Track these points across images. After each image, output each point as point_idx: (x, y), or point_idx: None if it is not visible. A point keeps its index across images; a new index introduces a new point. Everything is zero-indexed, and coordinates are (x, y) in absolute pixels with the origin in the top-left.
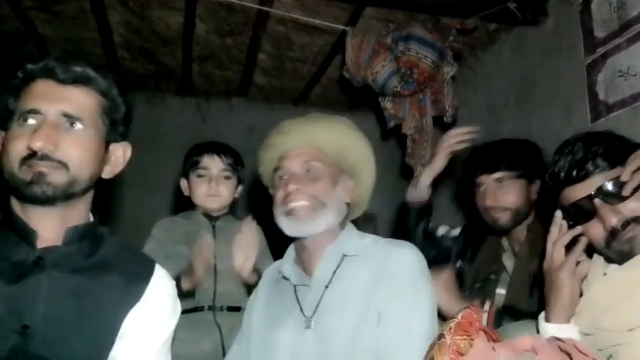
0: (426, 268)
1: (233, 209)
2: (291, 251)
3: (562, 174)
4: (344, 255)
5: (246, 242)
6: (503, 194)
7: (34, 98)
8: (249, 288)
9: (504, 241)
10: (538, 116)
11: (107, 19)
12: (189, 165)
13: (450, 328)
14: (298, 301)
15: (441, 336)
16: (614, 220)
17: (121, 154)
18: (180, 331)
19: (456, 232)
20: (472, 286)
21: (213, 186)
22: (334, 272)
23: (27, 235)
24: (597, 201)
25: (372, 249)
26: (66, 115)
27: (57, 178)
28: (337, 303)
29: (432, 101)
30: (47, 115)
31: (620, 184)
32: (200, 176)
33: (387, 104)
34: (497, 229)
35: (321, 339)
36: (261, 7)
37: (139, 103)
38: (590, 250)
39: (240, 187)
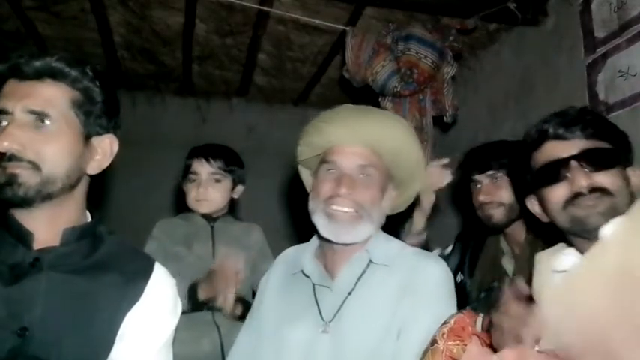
0: (452, 284)
1: (233, 210)
2: (314, 242)
3: (550, 129)
4: (370, 261)
5: (224, 276)
6: (497, 190)
7: (3, 99)
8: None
9: (503, 243)
10: (538, 116)
11: (107, 19)
12: (184, 169)
13: (443, 334)
14: (317, 301)
15: (434, 341)
16: (583, 183)
17: (107, 147)
18: (179, 331)
19: (449, 249)
20: (478, 296)
21: (202, 191)
22: (359, 278)
23: (23, 237)
24: (574, 163)
25: (400, 258)
26: (33, 112)
27: (29, 179)
28: (360, 311)
29: (432, 101)
30: (15, 114)
31: (600, 155)
32: (191, 181)
33: (387, 104)
34: (492, 227)
35: (338, 346)
36: (261, 7)
37: (139, 103)
38: (533, 250)
39: (239, 188)
